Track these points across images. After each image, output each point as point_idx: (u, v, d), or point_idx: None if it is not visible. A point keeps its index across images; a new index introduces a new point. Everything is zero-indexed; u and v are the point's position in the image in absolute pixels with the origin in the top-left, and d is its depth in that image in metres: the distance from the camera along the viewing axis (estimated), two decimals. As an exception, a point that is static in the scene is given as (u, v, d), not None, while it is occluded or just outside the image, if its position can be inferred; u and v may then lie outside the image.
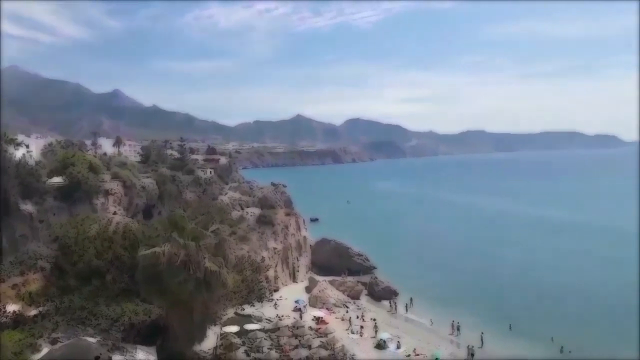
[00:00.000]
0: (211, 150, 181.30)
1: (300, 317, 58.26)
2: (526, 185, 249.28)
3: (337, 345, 48.48)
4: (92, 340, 27.97)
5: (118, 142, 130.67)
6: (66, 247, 35.34)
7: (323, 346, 47.52)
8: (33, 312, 31.92)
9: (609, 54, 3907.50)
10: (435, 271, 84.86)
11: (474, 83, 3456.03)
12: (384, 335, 53.72)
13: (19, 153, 62.26)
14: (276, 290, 66.96)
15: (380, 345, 51.81)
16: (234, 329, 48.32)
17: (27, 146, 69.58)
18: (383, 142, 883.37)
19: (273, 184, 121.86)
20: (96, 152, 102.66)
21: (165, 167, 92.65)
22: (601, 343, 52.77)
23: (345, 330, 56.37)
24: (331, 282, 73.83)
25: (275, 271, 70.68)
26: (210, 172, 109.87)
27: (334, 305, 65.21)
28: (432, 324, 60.96)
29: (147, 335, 32.81)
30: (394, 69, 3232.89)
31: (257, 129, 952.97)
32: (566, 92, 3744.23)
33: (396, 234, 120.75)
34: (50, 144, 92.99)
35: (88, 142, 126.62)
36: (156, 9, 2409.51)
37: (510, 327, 57.13)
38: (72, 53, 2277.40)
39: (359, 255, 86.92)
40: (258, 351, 45.49)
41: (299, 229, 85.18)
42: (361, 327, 57.54)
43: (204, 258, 29.27)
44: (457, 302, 66.95)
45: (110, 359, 26.23)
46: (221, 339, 45.89)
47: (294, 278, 77.54)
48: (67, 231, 37.11)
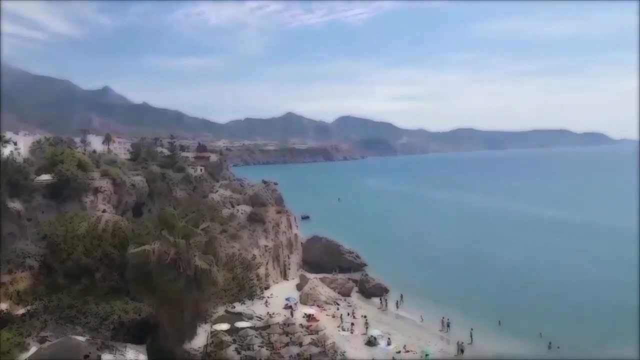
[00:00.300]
0: (202, 148, 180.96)
1: (291, 314, 58.33)
2: (517, 183, 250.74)
3: (328, 342, 48.67)
4: (81, 339, 27.87)
5: (108, 140, 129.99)
6: (55, 245, 35.09)
7: (314, 343, 47.66)
8: (21, 310, 31.71)
9: (597, 53, 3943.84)
10: (426, 268, 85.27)
11: (465, 81, 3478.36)
12: (374, 332, 53.96)
13: (6, 150, 61.50)
14: (267, 288, 66.96)
15: (371, 342, 52.06)
16: (224, 326, 48.29)
17: (15, 143, 68.72)
18: (374, 139, 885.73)
19: (264, 182, 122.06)
20: (85, 150, 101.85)
21: (155, 165, 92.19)
22: (590, 339, 53.26)
23: (336, 327, 56.49)
24: (322, 280, 73.89)
25: (266, 269, 70.67)
26: (201, 169, 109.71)
27: (325, 302, 65.30)
28: (422, 320, 61.30)
29: (136, 333, 32.73)
30: (385, 67, 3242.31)
31: (248, 126, 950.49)
32: (556, 91, 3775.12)
33: (387, 231, 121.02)
34: (39, 141, 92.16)
35: (77, 140, 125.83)
36: (146, 6, 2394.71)
37: (500, 323, 57.55)
38: (62, 50, 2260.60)
39: (350, 252, 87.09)
40: (249, 349, 45.55)
41: (290, 226, 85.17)
42: (352, 324, 57.70)
43: (194, 256, 29.24)
44: (448, 299, 67.27)
45: (99, 357, 26.15)
46: (211, 337, 45.84)
47: (284, 276, 77.58)
48: (55, 229, 36.82)
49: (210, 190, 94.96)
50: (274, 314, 58.24)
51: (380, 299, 70.01)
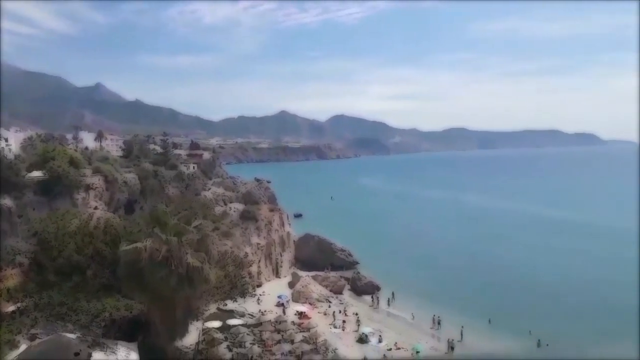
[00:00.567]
0: (194, 146, 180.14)
1: (283, 312, 58.49)
2: (510, 183, 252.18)
3: (320, 340, 48.90)
4: (72, 336, 27.77)
5: (100, 137, 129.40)
6: (45, 242, 34.88)
7: (305, 341, 47.88)
8: (11, 308, 31.50)
9: (590, 54, 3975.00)
10: (418, 267, 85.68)
11: (459, 81, 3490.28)
12: (365, 329, 54.27)
13: (-3, 147, 61.20)
14: (259, 286, 67.04)
15: (362, 339, 52.37)
16: (216, 324, 48.39)
17: (6, 140, 68.54)
18: (367, 138, 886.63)
19: (257, 180, 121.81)
20: (77, 147, 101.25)
21: (148, 162, 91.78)
22: (580, 337, 53.79)
23: (328, 324, 56.75)
24: (314, 277, 74.14)
25: (259, 266, 70.76)
26: (194, 167, 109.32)
27: (317, 300, 65.55)
28: (413, 318, 61.66)
29: (128, 331, 32.68)
30: (379, 66, 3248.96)
31: (242, 124, 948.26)
32: (548, 91, 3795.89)
33: (379, 229, 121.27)
34: (30, 138, 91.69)
35: (69, 136, 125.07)
36: (140, 4, 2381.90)
37: (490, 321, 58.04)
38: (55, 46, 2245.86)
39: (342, 250, 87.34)
40: (240, 346, 45.66)
41: (282, 224, 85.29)
42: (343, 321, 57.97)
43: (186, 254, 29.21)
44: (439, 297, 67.64)
45: (90, 355, 26.07)
46: (203, 334, 45.91)
47: (277, 273, 77.69)
48: (46, 226, 36.61)
49: (203, 187, 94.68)
50: (265, 311, 58.33)
51: (372, 297, 70.31)
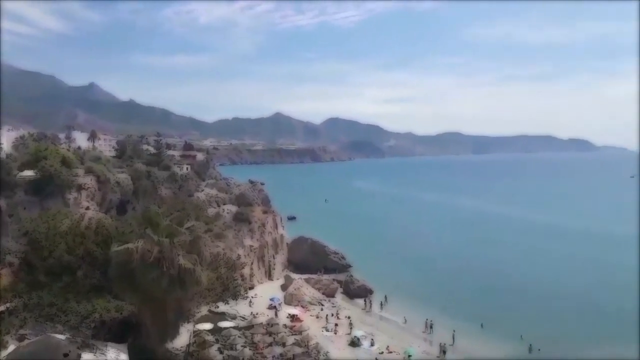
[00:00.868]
0: (188, 146, 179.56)
1: (275, 314, 58.30)
2: (503, 187, 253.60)
3: (312, 343, 48.75)
4: (61, 337, 27.57)
5: (93, 136, 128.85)
6: (36, 242, 34.61)
7: (297, 344, 47.72)
8: (0, 308, 31.22)
9: (583, 60, 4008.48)
10: (411, 270, 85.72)
11: (453, 85, 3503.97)
12: (358, 332, 54.16)
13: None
14: (251, 288, 66.83)
15: (354, 343, 52.25)
16: (207, 326, 48.17)
17: (-2, 138, 67.90)
18: (362, 141, 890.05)
19: (251, 182, 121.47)
20: (70, 146, 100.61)
21: (141, 163, 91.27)
22: (573, 342, 53.94)
23: (320, 327, 56.59)
24: (307, 280, 73.95)
25: (251, 269, 70.52)
26: (187, 168, 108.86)
27: (309, 303, 65.40)
28: (405, 322, 61.66)
29: (118, 332, 32.48)
30: (374, 69, 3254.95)
31: (236, 125, 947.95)
32: (542, 96, 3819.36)
33: (373, 232, 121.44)
34: (22, 137, 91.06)
35: (62, 136, 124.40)
36: (136, 3, 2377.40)
37: (482, 325, 58.13)
38: (50, 45, 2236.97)
39: (335, 253, 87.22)
40: (231, 349, 45.45)
41: (276, 227, 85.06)
42: (336, 324, 57.82)
43: (178, 255, 29.05)
44: (432, 300, 67.67)
45: (79, 356, 25.88)
46: (194, 336, 45.67)
47: (269, 276, 77.45)
48: (37, 226, 36.32)
49: (196, 189, 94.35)
50: (257, 314, 58.17)
51: (365, 300, 70.22)
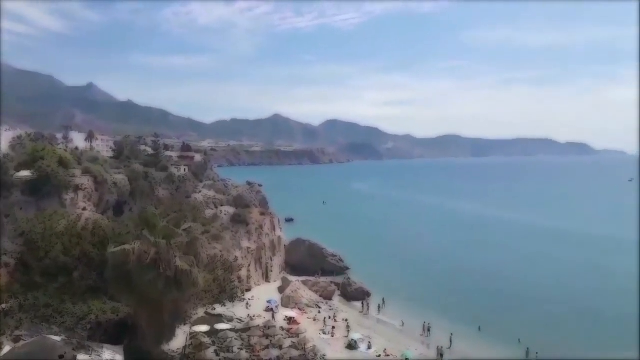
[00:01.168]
0: (186, 147, 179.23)
1: (272, 317, 58.11)
2: (502, 190, 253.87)
3: (308, 346, 48.53)
4: (57, 338, 27.42)
5: (90, 137, 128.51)
6: (32, 243, 34.44)
7: (294, 346, 47.52)
8: (-4, 309, 31.04)
9: (583, 64, 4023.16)
10: (409, 273, 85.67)
11: (452, 88, 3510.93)
12: (355, 335, 53.96)
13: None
14: (248, 290, 66.64)
15: (351, 346, 52.05)
16: (204, 328, 47.94)
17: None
18: (360, 144, 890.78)
19: (249, 183, 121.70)
20: (67, 146, 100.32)
21: (138, 163, 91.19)
22: (571, 346, 53.86)
23: (317, 330, 56.37)
24: (304, 283, 73.78)
25: (248, 271, 70.32)
26: (185, 169, 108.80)
27: (307, 305, 65.18)
28: (403, 325, 61.43)
29: (114, 334, 32.32)
30: (374, 72, 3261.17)
31: (234, 127, 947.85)
32: (541, 100, 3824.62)
33: (371, 235, 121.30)
34: (20, 137, 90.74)
35: (59, 136, 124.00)
36: (135, 3, 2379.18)
37: (480, 329, 58.09)
38: (48, 45, 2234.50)
39: (333, 255, 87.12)
40: (228, 351, 45.23)
41: (273, 228, 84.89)
42: (333, 327, 57.58)
43: (175, 256, 28.94)
44: (429, 303, 67.57)
45: (75, 357, 25.74)
46: (190, 338, 45.46)
47: (267, 278, 77.27)
48: (34, 226, 36.17)
49: (194, 190, 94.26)
50: (254, 316, 57.98)
51: (362, 303, 69.99)
